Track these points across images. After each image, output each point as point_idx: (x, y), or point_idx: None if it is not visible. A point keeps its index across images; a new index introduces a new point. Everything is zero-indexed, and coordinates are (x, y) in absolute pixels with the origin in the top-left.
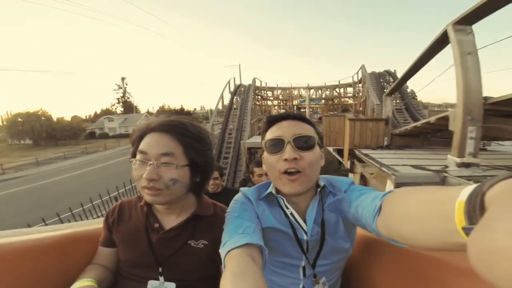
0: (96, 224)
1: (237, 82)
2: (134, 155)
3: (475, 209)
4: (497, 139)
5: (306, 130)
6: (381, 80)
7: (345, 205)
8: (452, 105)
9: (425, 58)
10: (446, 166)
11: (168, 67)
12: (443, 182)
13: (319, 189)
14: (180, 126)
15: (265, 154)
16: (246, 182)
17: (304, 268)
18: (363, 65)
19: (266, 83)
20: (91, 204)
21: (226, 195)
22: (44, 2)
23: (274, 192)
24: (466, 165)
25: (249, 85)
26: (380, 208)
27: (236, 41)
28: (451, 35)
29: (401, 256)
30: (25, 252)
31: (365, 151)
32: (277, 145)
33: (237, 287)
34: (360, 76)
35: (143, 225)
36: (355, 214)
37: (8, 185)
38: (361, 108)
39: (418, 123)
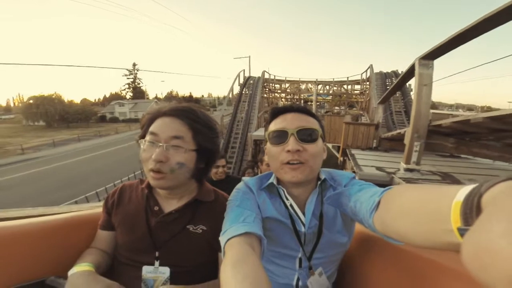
0: (97, 208)
1: (247, 74)
2: (142, 136)
3: (472, 210)
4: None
5: (310, 123)
6: (387, 80)
7: (345, 199)
8: (463, 106)
9: (400, 84)
10: (398, 170)
11: (178, 57)
12: (390, 182)
13: (319, 182)
14: (191, 112)
15: (268, 145)
16: (246, 169)
17: (300, 259)
18: (371, 65)
19: (274, 76)
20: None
21: (229, 183)
22: None
23: (275, 182)
24: (410, 170)
25: (258, 77)
26: (378, 203)
27: (247, 35)
28: (416, 68)
29: (398, 254)
30: (24, 236)
31: (354, 151)
32: (280, 136)
33: (237, 274)
34: (368, 74)
35: (143, 207)
36: (353, 208)
37: (31, 165)
38: (366, 106)
39: (402, 131)
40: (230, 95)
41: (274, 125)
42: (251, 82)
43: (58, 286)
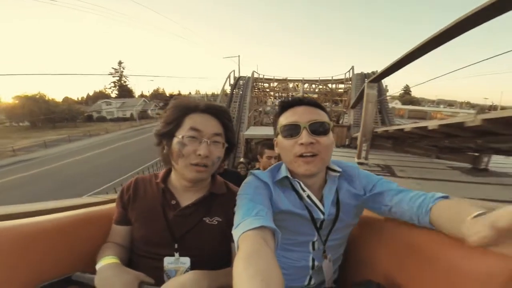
0: (107, 202)
1: (236, 74)
2: (169, 132)
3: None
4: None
5: (321, 116)
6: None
7: (383, 198)
8: (445, 102)
9: (359, 98)
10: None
11: (166, 59)
12: None
13: (338, 174)
14: (224, 111)
15: (280, 138)
16: (239, 164)
17: (313, 243)
18: (352, 67)
19: (263, 75)
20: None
21: (226, 176)
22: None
23: (289, 175)
24: (361, 163)
25: (248, 77)
26: (430, 208)
27: (235, 35)
28: (366, 89)
29: (397, 230)
30: (45, 233)
31: None
32: (293, 129)
33: (249, 269)
34: (351, 75)
35: (160, 202)
36: (394, 207)
37: (27, 166)
38: (348, 104)
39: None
40: (225, 93)
41: (285, 119)
42: (241, 82)
43: (85, 281)
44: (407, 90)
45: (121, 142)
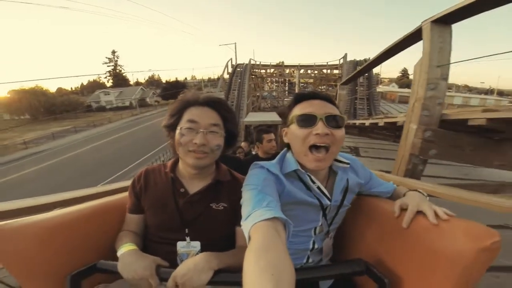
0: (120, 191)
1: (234, 62)
2: (173, 124)
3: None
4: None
5: (335, 110)
6: (358, 67)
7: (371, 186)
8: (453, 85)
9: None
10: None
11: (162, 51)
12: None
13: (348, 166)
14: (222, 103)
15: (294, 127)
16: (238, 148)
17: (316, 228)
18: (345, 54)
19: (260, 62)
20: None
21: (227, 162)
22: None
23: (300, 168)
24: None
25: (246, 65)
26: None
27: (230, 22)
28: (338, 90)
29: (384, 212)
30: (64, 225)
31: None
32: (309, 120)
33: (260, 261)
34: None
35: (170, 190)
36: (375, 192)
37: (41, 157)
38: None
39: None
40: (225, 78)
41: (300, 109)
42: (239, 69)
43: (109, 268)
44: (405, 73)
45: (126, 131)
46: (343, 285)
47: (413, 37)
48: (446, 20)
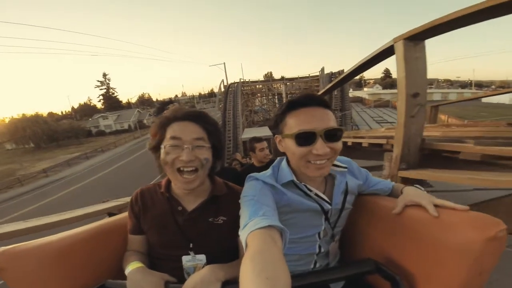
0: (122, 207)
1: (225, 82)
2: (157, 145)
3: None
4: None
5: (333, 121)
6: (332, 79)
7: (368, 185)
8: (449, 81)
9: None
10: None
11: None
12: None
13: (346, 170)
14: (203, 116)
15: (290, 143)
16: (233, 160)
17: (319, 233)
18: (322, 67)
19: (249, 79)
20: None
21: (224, 174)
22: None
23: (296, 179)
24: None
25: (237, 86)
26: (391, 190)
27: (218, 43)
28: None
29: (387, 210)
30: (72, 246)
31: None
32: (307, 138)
33: (255, 266)
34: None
35: (168, 210)
36: (375, 190)
37: (68, 182)
38: None
39: None
40: (219, 101)
41: (296, 122)
42: (231, 89)
43: (118, 287)
44: (387, 73)
45: (137, 153)
46: (355, 286)
47: (385, 53)
48: (417, 38)
